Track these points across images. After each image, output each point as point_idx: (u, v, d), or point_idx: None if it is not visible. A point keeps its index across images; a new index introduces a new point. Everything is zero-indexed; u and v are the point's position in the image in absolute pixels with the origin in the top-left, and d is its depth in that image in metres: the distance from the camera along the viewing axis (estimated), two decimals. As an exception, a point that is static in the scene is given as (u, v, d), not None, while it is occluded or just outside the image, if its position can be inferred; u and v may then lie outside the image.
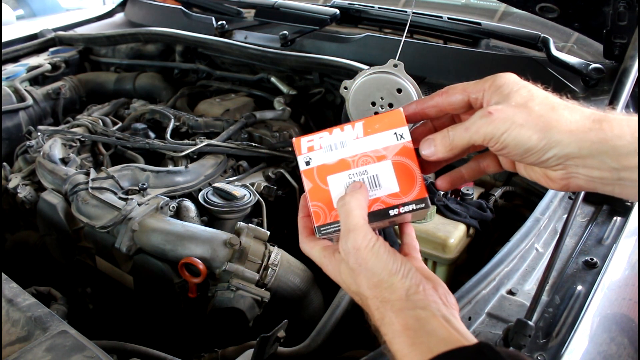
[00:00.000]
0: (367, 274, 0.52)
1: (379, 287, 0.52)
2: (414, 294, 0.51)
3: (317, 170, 0.56)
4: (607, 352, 0.75)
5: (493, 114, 0.48)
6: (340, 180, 0.57)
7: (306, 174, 0.57)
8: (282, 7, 1.73)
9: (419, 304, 0.50)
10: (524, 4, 1.29)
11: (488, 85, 0.51)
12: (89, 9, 2.45)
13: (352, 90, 0.68)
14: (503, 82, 0.50)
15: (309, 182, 0.57)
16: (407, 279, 0.52)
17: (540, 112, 0.47)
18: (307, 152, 0.56)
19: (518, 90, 0.49)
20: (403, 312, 0.50)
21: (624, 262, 0.91)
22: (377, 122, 0.57)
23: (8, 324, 0.71)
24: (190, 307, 1.11)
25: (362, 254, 0.52)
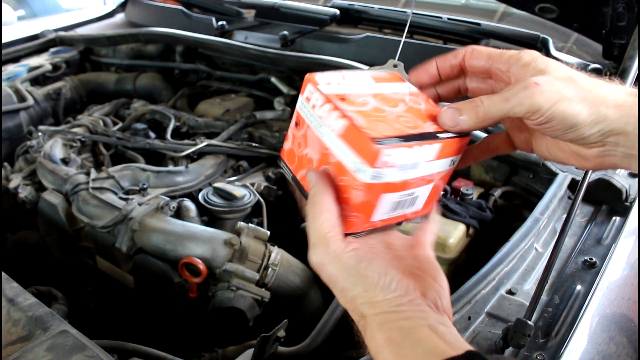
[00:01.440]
0: (339, 288, 0.48)
1: (354, 302, 0.47)
2: (398, 306, 0.46)
3: (379, 186, 0.47)
4: (606, 351, 0.75)
5: (540, 85, 0.43)
6: (391, 199, 0.49)
7: (367, 189, 0.47)
8: (282, 7, 1.74)
9: (403, 315, 0.46)
10: (524, 5, 1.30)
11: (515, 59, 0.48)
12: (89, 10, 2.45)
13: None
14: (532, 58, 0.47)
15: (363, 196, 0.47)
16: (389, 292, 0.46)
17: (588, 86, 0.44)
18: (383, 168, 0.45)
19: (556, 66, 0.46)
20: (385, 325, 0.46)
21: (623, 261, 0.91)
22: (448, 147, 0.50)
23: (9, 323, 0.71)
24: (190, 307, 1.12)
25: (328, 270, 0.47)
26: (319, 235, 0.47)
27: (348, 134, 0.46)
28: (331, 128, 0.47)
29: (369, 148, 0.44)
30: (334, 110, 0.47)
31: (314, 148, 0.50)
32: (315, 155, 0.50)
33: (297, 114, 0.52)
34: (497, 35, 1.46)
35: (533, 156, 1.16)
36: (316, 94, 0.49)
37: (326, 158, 0.49)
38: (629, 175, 1.09)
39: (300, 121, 0.51)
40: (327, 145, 0.48)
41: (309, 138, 0.50)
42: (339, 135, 0.47)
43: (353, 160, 0.46)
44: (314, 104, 0.49)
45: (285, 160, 0.55)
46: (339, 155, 0.47)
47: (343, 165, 0.47)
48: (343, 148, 0.46)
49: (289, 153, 0.54)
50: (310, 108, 0.49)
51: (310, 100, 0.50)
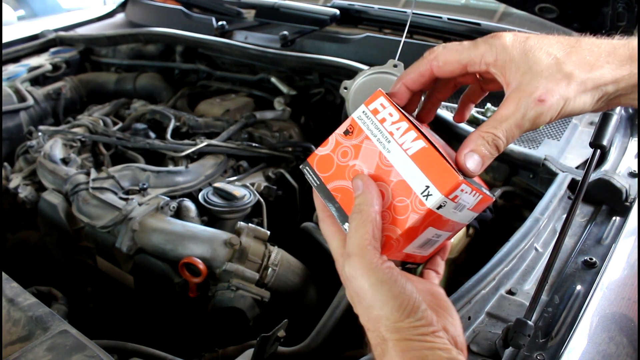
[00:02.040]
0: (365, 305, 0.46)
1: (377, 322, 0.45)
2: (421, 335, 0.44)
3: (435, 217, 0.47)
4: (606, 351, 0.75)
5: (546, 101, 0.45)
6: (429, 234, 0.49)
7: (427, 215, 0.46)
8: (282, 7, 1.74)
9: (427, 345, 0.44)
10: (524, 5, 1.30)
11: (493, 59, 0.48)
12: (89, 10, 2.45)
13: (352, 91, 0.68)
14: (512, 53, 0.47)
15: (419, 221, 0.46)
16: (415, 318, 0.44)
17: (583, 75, 0.46)
18: (450, 199, 0.46)
19: (537, 56, 0.46)
20: (407, 353, 0.44)
21: (623, 261, 0.91)
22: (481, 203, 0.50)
23: (9, 323, 0.71)
24: (190, 307, 1.12)
25: (359, 283, 0.45)
26: (358, 245, 0.46)
27: (424, 157, 0.46)
28: (404, 147, 0.47)
29: (447, 176, 0.45)
30: (411, 131, 0.47)
31: (369, 162, 0.49)
32: (368, 169, 0.49)
33: (353, 122, 0.50)
34: (497, 35, 1.46)
35: (533, 156, 1.16)
36: (390, 108, 0.49)
37: (385, 174, 0.48)
38: (629, 175, 1.09)
39: (356, 131, 0.50)
40: (392, 163, 0.47)
41: (364, 150, 0.49)
42: (412, 156, 0.46)
43: (423, 183, 0.45)
44: (384, 117, 0.48)
45: (314, 166, 0.53)
46: (405, 175, 0.47)
47: (409, 185, 0.46)
48: (413, 169, 0.46)
49: (323, 159, 0.52)
50: (378, 121, 0.49)
51: (380, 113, 0.49)
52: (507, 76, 0.47)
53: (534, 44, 0.47)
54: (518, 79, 0.47)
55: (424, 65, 0.51)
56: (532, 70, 0.46)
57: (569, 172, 1.11)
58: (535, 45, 0.47)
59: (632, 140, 1.24)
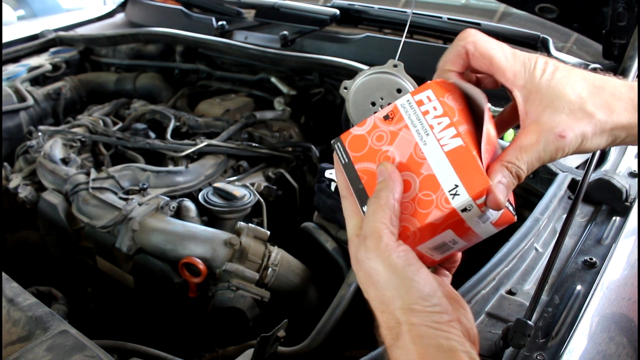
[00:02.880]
0: (377, 287, 0.45)
1: (391, 304, 0.44)
2: (436, 323, 0.43)
3: (456, 219, 0.47)
4: (606, 351, 0.75)
5: (566, 137, 0.47)
6: (446, 237, 0.49)
7: (450, 215, 0.46)
8: (282, 7, 1.73)
9: (442, 335, 0.43)
10: (524, 5, 1.30)
11: (522, 83, 0.49)
12: (89, 10, 2.45)
13: (352, 91, 0.68)
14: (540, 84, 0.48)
15: (440, 219, 0.46)
16: (430, 303, 0.44)
17: (603, 117, 0.47)
18: (477, 204, 0.45)
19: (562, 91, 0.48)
20: (422, 339, 0.43)
21: (623, 261, 0.91)
22: (503, 218, 0.51)
23: (9, 323, 0.71)
24: (190, 307, 1.12)
25: (372, 265, 0.45)
26: (374, 228, 0.46)
27: (459, 156, 0.46)
28: (441, 142, 0.47)
29: (479, 179, 0.45)
30: (452, 127, 0.47)
31: (403, 150, 0.49)
32: (400, 158, 0.49)
33: (395, 109, 0.50)
34: (497, 35, 1.45)
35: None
36: (436, 102, 0.48)
37: (417, 166, 0.47)
38: (629, 175, 1.09)
39: (396, 117, 0.50)
40: (426, 155, 0.47)
41: (401, 138, 0.49)
42: (448, 152, 0.46)
43: (453, 182, 0.45)
44: (428, 109, 0.48)
45: (346, 143, 0.52)
46: (436, 170, 0.46)
47: (437, 181, 0.46)
48: (446, 166, 0.46)
49: (356, 139, 0.52)
50: (421, 113, 0.49)
51: (424, 105, 0.49)
52: (529, 106, 0.48)
53: (561, 78, 0.48)
54: (539, 112, 0.47)
55: (460, 47, 0.52)
56: (555, 105, 0.47)
57: (569, 172, 1.11)
58: (562, 80, 0.48)
59: (632, 140, 1.24)
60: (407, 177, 0.48)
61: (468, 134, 0.47)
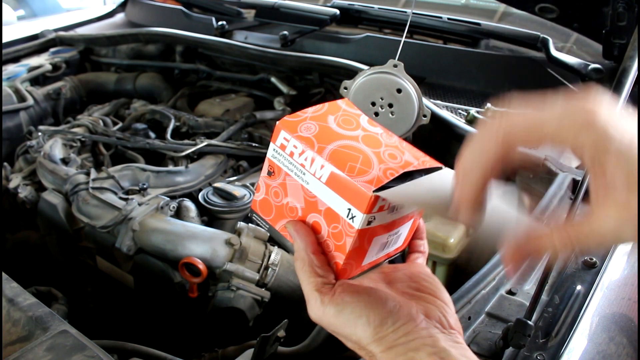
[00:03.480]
0: (342, 337, 0.47)
1: (361, 343, 0.46)
2: (404, 336, 0.44)
3: (372, 230, 0.47)
4: (606, 351, 0.75)
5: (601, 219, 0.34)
6: (380, 241, 0.49)
7: (360, 234, 0.46)
8: (282, 7, 1.74)
9: (410, 346, 0.43)
10: (524, 5, 1.30)
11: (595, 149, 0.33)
12: (89, 10, 2.45)
13: (352, 91, 0.68)
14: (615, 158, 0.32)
15: (357, 241, 0.46)
16: (389, 325, 0.44)
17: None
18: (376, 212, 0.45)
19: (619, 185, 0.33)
20: (396, 358, 0.44)
21: (623, 261, 0.91)
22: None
23: (9, 323, 0.71)
24: (190, 307, 1.12)
25: (325, 322, 0.47)
26: (308, 291, 0.47)
27: (336, 182, 0.45)
28: (316, 176, 0.46)
29: (360, 195, 0.44)
30: (317, 158, 0.46)
31: (297, 196, 0.49)
32: (299, 204, 0.49)
33: (270, 162, 0.50)
34: (497, 35, 1.46)
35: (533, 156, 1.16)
36: (293, 140, 0.47)
37: (313, 205, 0.48)
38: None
39: (276, 170, 0.50)
40: (314, 193, 0.47)
41: (290, 186, 0.49)
42: (326, 183, 0.46)
43: (345, 207, 0.45)
44: (292, 151, 0.47)
45: (258, 211, 0.53)
46: (328, 203, 0.46)
47: (335, 212, 0.46)
48: (332, 195, 0.46)
49: (261, 204, 0.52)
50: (288, 156, 0.48)
51: (287, 147, 0.48)
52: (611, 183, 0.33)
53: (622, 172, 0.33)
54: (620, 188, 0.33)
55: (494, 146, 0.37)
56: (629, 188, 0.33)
57: (569, 172, 1.11)
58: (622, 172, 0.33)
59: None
60: (313, 218, 0.48)
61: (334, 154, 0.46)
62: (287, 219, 0.50)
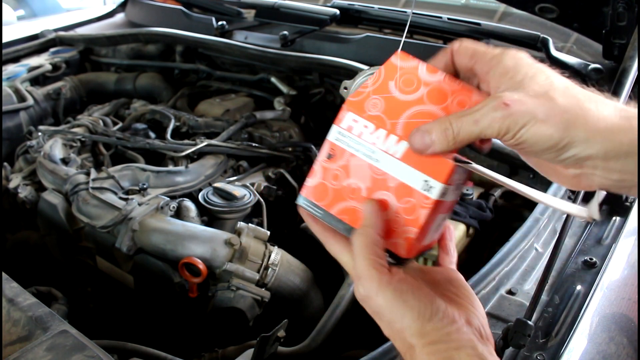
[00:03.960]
0: (386, 320, 0.47)
1: (402, 333, 0.46)
2: (446, 335, 0.45)
3: (441, 205, 0.48)
4: (606, 351, 0.75)
5: (510, 106, 0.41)
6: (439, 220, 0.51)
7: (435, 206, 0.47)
8: (282, 7, 1.73)
9: (452, 345, 0.44)
10: (524, 5, 1.30)
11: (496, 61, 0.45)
12: (89, 10, 2.45)
13: (352, 91, 0.68)
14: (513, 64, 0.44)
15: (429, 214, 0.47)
16: (436, 320, 0.45)
17: (564, 105, 0.41)
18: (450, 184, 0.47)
19: (534, 75, 0.43)
20: (435, 355, 0.45)
21: (623, 261, 0.91)
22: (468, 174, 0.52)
23: (9, 323, 0.71)
24: (190, 307, 1.12)
25: (375, 302, 0.46)
26: (365, 267, 0.46)
27: (412, 156, 0.46)
28: (390, 152, 0.47)
29: (440, 165, 0.45)
30: (391, 135, 0.47)
31: (362, 176, 0.49)
32: (364, 184, 0.49)
33: (332, 145, 0.50)
34: (497, 35, 1.46)
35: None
36: (363, 121, 0.48)
37: (382, 183, 0.48)
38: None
39: (338, 152, 0.50)
40: (385, 170, 0.48)
41: (354, 167, 0.49)
42: (401, 158, 0.47)
43: (421, 179, 0.46)
44: (361, 131, 0.48)
45: (311, 198, 0.52)
46: (401, 178, 0.47)
47: (408, 186, 0.47)
48: (407, 170, 0.47)
49: (317, 189, 0.52)
50: (356, 137, 0.49)
51: (354, 128, 0.49)
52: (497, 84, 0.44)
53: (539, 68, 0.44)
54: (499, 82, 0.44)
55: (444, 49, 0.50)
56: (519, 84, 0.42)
57: (569, 172, 1.11)
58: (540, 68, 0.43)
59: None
60: (381, 196, 0.48)
61: (407, 128, 0.47)
62: (348, 201, 0.50)
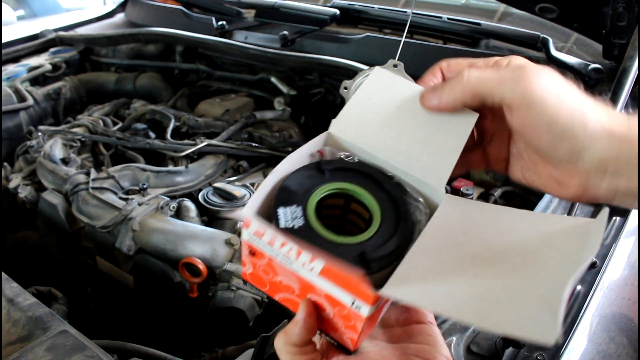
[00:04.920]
0: None
1: None
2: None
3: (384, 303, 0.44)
4: (606, 351, 0.75)
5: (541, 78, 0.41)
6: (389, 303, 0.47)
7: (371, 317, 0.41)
8: (282, 7, 1.73)
9: None
10: (524, 5, 1.30)
11: (505, 62, 0.44)
12: (89, 10, 2.45)
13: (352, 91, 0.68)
14: (524, 63, 0.43)
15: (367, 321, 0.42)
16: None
17: (578, 107, 0.40)
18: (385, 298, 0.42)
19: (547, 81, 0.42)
20: None
21: (623, 261, 0.91)
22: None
23: (9, 323, 0.71)
24: (190, 307, 1.12)
25: None
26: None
27: (332, 274, 0.39)
28: (306, 267, 0.41)
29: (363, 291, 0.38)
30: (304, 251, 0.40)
31: (290, 278, 0.43)
32: (294, 284, 0.44)
33: (249, 245, 0.44)
34: (497, 35, 1.46)
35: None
36: (269, 231, 0.41)
37: (312, 289, 0.42)
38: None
39: (257, 252, 0.44)
40: (309, 280, 0.42)
41: (279, 269, 0.43)
42: (320, 274, 0.40)
43: (348, 298, 0.40)
44: (270, 240, 0.41)
45: (252, 283, 0.49)
46: (329, 291, 0.41)
47: (337, 300, 0.41)
48: (330, 286, 0.40)
49: (253, 277, 0.47)
50: (267, 244, 0.42)
51: (264, 236, 0.42)
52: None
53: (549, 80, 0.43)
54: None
55: (435, 68, 0.48)
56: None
57: (569, 172, 1.11)
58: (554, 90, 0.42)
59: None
60: (315, 299, 0.43)
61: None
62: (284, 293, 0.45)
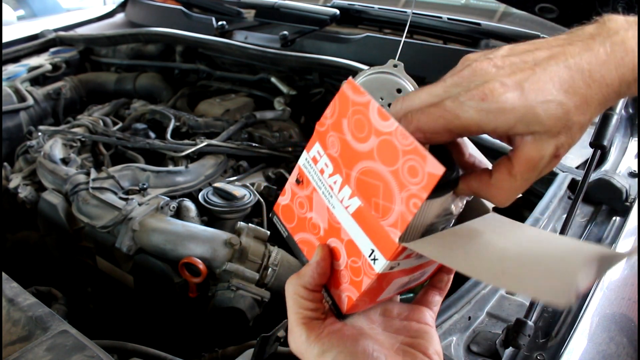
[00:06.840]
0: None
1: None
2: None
3: (393, 274, 0.42)
4: (606, 351, 0.75)
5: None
6: (401, 281, 0.45)
7: (380, 278, 0.40)
8: (282, 7, 1.74)
9: None
10: (524, 5, 1.30)
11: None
12: (89, 10, 2.45)
13: (352, 91, 0.68)
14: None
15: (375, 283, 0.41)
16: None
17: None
18: (402, 259, 0.40)
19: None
20: None
21: (623, 262, 0.91)
22: None
23: (9, 323, 0.71)
24: (190, 307, 1.12)
25: (306, 357, 0.44)
26: (292, 321, 0.45)
27: (363, 217, 0.39)
28: (344, 203, 0.41)
29: (387, 240, 0.38)
30: (346, 186, 0.40)
31: (322, 216, 0.43)
32: (322, 224, 0.44)
33: (300, 171, 0.44)
34: (497, 35, 1.46)
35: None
36: (325, 158, 0.41)
37: (337, 232, 0.42)
38: (629, 175, 1.09)
39: (305, 181, 0.44)
40: (339, 219, 0.42)
41: (316, 203, 0.44)
42: (353, 215, 0.40)
43: (368, 246, 0.40)
44: (322, 168, 0.42)
45: (280, 216, 0.49)
46: (352, 235, 0.41)
47: (357, 247, 0.41)
48: (357, 229, 0.40)
49: (285, 209, 0.48)
50: (318, 172, 0.42)
51: (318, 162, 0.42)
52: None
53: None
54: None
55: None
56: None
57: (569, 172, 1.11)
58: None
59: (632, 140, 1.24)
60: (334, 244, 0.43)
61: (360, 185, 0.40)
62: (308, 234, 0.46)
